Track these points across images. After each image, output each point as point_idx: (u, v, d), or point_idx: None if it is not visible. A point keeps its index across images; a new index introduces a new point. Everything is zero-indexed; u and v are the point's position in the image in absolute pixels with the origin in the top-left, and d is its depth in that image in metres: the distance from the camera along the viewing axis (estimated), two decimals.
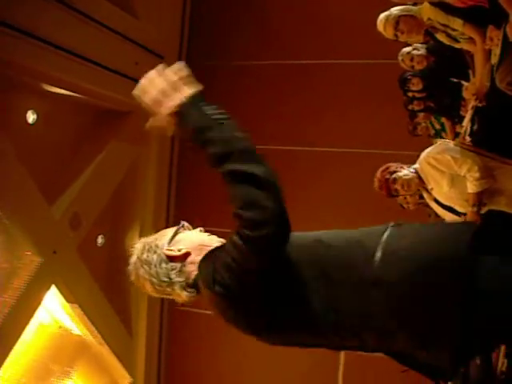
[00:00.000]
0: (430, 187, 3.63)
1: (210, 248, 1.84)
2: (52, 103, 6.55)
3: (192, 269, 1.83)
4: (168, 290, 1.88)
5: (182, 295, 1.87)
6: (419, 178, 3.62)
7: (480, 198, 3.37)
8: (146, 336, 7.89)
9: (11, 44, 5.33)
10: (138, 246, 1.93)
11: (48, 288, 6.40)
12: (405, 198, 3.89)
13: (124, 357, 7.54)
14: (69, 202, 6.60)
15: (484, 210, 3.43)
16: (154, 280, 1.87)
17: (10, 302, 5.94)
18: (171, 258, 1.85)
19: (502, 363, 3.94)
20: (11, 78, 5.78)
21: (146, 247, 1.90)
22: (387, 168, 3.70)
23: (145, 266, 1.87)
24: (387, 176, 3.66)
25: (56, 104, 6.61)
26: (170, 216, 8.18)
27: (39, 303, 6.37)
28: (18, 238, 6.02)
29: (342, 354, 7.37)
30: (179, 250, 1.86)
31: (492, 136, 3.54)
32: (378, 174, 3.68)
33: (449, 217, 3.78)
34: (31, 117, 6.34)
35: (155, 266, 1.86)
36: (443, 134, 5.21)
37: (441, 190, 3.57)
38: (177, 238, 1.90)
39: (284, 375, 7.54)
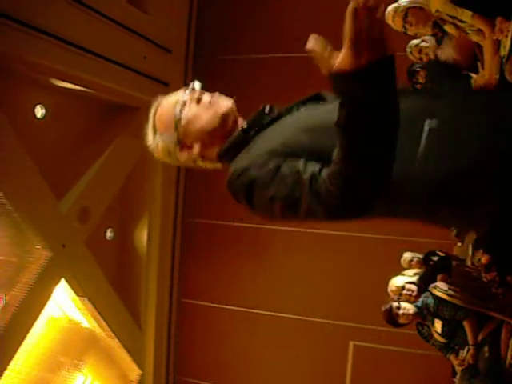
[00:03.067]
0: None
1: (228, 130, 1.74)
2: (60, 98, 6.57)
3: (209, 153, 1.77)
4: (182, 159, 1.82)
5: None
6: None
7: None
8: (155, 329, 7.92)
9: (20, 39, 5.34)
10: (149, 130, 1.87)
11: (57, 282, 6.44)
12: None
13: (133, 349, 7.59)
14: (77, 196, 6.63)
15: None
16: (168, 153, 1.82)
17: (20, 296, 5.98)
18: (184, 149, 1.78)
19: (510, 355, 3.93)
20: (20, 73, 5.80)
21: (160, 149, 1.83)
22: None
23: (167, 157, 1.82)
24: None
25: (64, 99, 6.63)
26: (178, 209, 8.19)
27: (49, 297, 6.41)
28: (27, 233, 6.06)
29: (351, 348, 7.38)
30: (190, 148, 1.77)
31: None
32: None
33: None
34: (40, 111, 6.36)
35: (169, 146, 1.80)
36: None
37: None
38: (182, 129, 1.75)
39: (292, 369, 7.56)
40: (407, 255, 5.39)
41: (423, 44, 4.46)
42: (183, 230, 8.24)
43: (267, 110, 1.81)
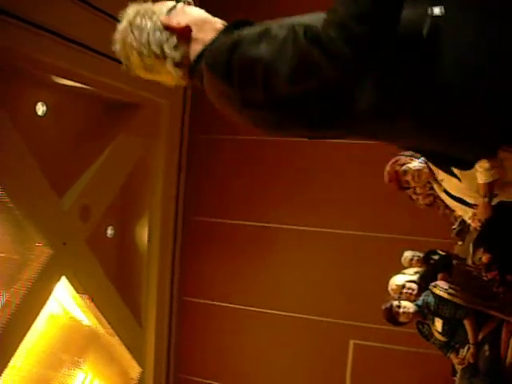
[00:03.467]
0: (440, 178, 3.62)
1: (218, 26, 1.58)
2: (61, 95, 6.56)
3: (192, 48, 1.59)
4: (157, 65, 1.66)
5: (173, 73, 1.67)
6: (429, 168, 3.60)
7: (491, 189, 3.35)
8: (156, 327, 7.92)
9: (21, 36, 5.34)
10: (130, 11, 1.69)
11: (58, 279, 6.44)
12: (414, 189, 3.88)
13: (134, 347, 7.59)
14: (78, 194, 6.63)
15: (495, 201, 3.41)
16: (143, 50, 1.64)
17: (21, 293, 5.98)
18: (169, 29, 1.60)
19: (511, 354, 3.94)
20: (20, 70, 5.79)
21: (141, 12, 1.65)
22: (397, 160, 3.69)
23: (135, 32, 1.64)
24: (397, 168, 3.65)
25: (65, 96, 6.62)
26: (179, 207, 8.19)
27: (50, 294, 6.41)
28: (28, 230, 6.06)
29: (351, 346, 7.38)
30: (178, 23, 1.59)
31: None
32: (388, 167, 3.67)
33: (459, 208, 3.77)
34: (41, 109, 6.36)
35: (148, 33, 1.62)
36: None
37: (451, 181, 3.56)
38: (178, 10, 1.61)
39: (292, 367, 7.56)
40: (408, 254, 5.40)
41: None
42: (184, 227, 8.24)
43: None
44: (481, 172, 3.31)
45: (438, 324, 4.39)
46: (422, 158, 3.65)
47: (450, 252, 5.15)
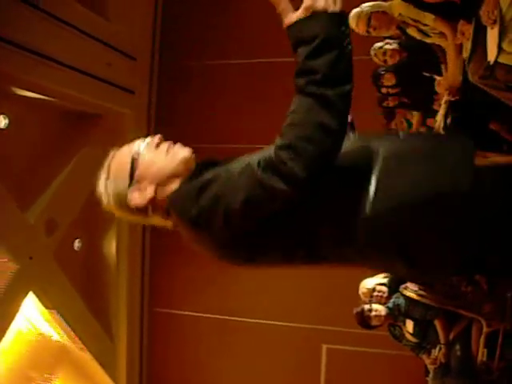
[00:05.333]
0: None
1: (186, 176, 1.62)
2: (23, 107, 6.46)
3: (161, 196, 1.64)
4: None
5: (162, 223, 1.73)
6: None
7: None
8: (127, 339, 7.84)
9: None
10: (101, 190, 1.80)
11: (25, 295, 6.33)
12: None
13: (105, 362, 7.49)
14: (43, 207, 6.53)
15: None
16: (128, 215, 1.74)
17: None
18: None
19: (482, 353, 3.99)
20: None
21: (111, 195, 1.75)
22: None
23: (117, 205, 1.75)
24: None
25: (28, 108, 6.52)
26: None
27: (17, 310, 6.29)
28: None
29: (324, 351, 7.41)
30: (144, 195, 1.64)
31: (465, 129, 3.58)
32: None
33: None
34: (2, 121, 6.26)
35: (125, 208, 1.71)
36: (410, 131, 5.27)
37: None
38: (137, 171, 1.65)
39: (267, 374, 7.55)
40: None
41: (387, 46, 4.50)
42: (152, 237, 8.17)
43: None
44: None
45: (410, 325, 4.42)
46: None
47: None
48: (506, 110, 3.07)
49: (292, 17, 1.45)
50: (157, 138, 1.70)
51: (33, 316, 6.94)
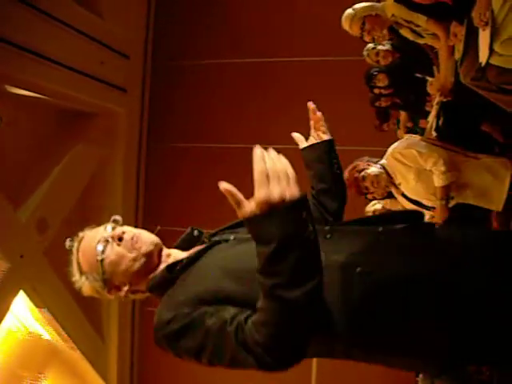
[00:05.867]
0: (397, 182, 3.67)
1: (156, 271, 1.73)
2: (16, 105, 6.43)
3: (141, 287, 1.77)
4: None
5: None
6: (387, 173, 3.64)
7: (447, 192, 3.42)
8: (118, 339, 7.81)
9: None
10: (76, 277, 1.84)
11: (16, 293, 6.29)
12: (373, 194, 3.92)
13: (96, 361, 7.46)
14: (35, 206, 6.50)
15: (452, 204, 3.47)
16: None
17: None
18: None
19: None
20: None
21: (89, 288, 1.82)
22: (355, 167, 3.71)
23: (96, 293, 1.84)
24: (356, 175, 3.68)
25: (20, 106, 6.49)
26: (138, 217, 8.11)
27: (7, 309, 6.25)
28: None
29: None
30: (119, 289, 1.78)
31: (457, 130, 3.59)
32: (346, 173, 3.68)
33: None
34: None
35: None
36: (398, 131, 5.29)
37: (408, 185, 3.61)
38: (107, 273, 1.73)
39: (257, 379, 7.53)
40: None
41: (380, 47, 4.52)
42: None
43: (196, 233, 1.85)
44: (437, 175, 3.38)
45: None
46: (380, 162, 3.70)
47: None
48: (497, 111, 3.09)
49: (246, 211, 1.32)
50: (118, 229, 1.77)
51: (23, 315, 6.91)
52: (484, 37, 2.66)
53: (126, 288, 1.75)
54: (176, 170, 7.93)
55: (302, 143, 2.02)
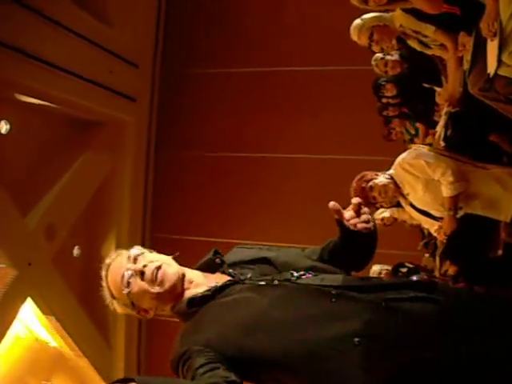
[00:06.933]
0: (405, 192, 3.65)
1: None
2: (25, 113, 6.48)
3: (167, 309, 1.85)
4: None
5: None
6: (395, 183, 3.63)
7: (456, 202, 3.40)
8: (125, 346, 7.80)
9: None
10: (108, 300, 1.93)
11: (23, 300, 6.31)
12: (381, 204, 3.91)
13: (102, 369, 7.45)
14: (43, 213, 6.52)
15: (460, 214, 3.46)
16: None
17: None
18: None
19: None
20: None
21: (119, 308, 1.90)
22: (363, 176, 3.70)
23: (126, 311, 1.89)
24: (363, 185, 3.66)
25: (29, 114, 6.54)
26: (146, 226, 8.12)
27: (15, 316, 6.27)
28: None
29: None
30: (147, 312, 1.85)
31: (465, 140, 3.58)
32: (354, 183, 3.67)
33: (425, 221, 3.81)
34: (4, 127, 6.27)
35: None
36: (416, 140, 5.27)
37: (416, 195, 3.60)
38: (134, 301, 1.81)
39: None
40: (376, 267, 5.42)
41: (388, 57, 4.52)
42: (151, 245, 8.15)
43: (218, 261, 1.92)
44: (445, 185, 3.36)
45: None
46: (388, 173, 3.69)
47: (417, 264, 5.19)
48: (505, 122, 3.08)
49: None
50: (140, 262, 1.82)
51: (31, 322, 6.92)
52: (492, 47, 2.65)
53: (152, 312, 1.84)
54: (184, 179, 7.93)
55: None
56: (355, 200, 1.68)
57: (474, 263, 3.54)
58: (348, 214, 1.69)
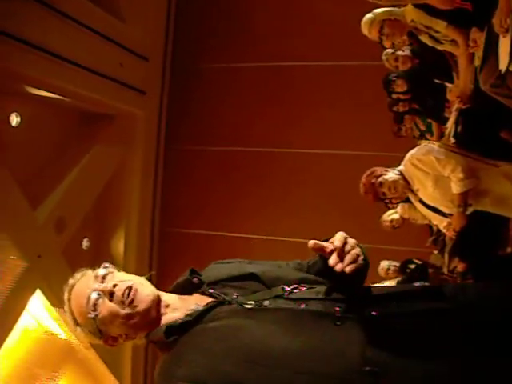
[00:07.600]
0: (415, 188, 3.64)
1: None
2: (36, 106, 6.51)
3: (141, 336, 1.64)
4: None
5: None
6: (404, 179, 3.62)
7: (465, 199, 3.39)
8: None
9: None
10: (72, 327, 1.71)
11: (33, 292, 6.35)
12: (390, 200, 3.90)
13: (111, 361, 7.49)
14: (53, 206, 6.56)
15: (470, 211, 3.45)
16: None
17: None
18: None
19: None
20: None
21: (84, 337, 1.70)
22: (372, 172, 3.69)
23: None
24: (373, 180, 3.65)
25: (40, 107, 6.56)
26: (155, 218, 8.15)
27: (24, 308, 6.31)
28: (2, 243, 5.96)
29: None
30: (116, 340, 1.65)
31: (476, 137, 3.56)
32: (364, 179, 3.66)
33: (434, 218, 3.80)
34: (15, 120, 6.30)
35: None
36: (428, 136, 5.25)
37: (426, 191, 3.59)
38: (102, 326, 1.60)
39: None
40: (384, 264, 5.42)
41: (399, 52, 4.50)
42: (160, 239, 8.19)
43: (195, 281, 1.68)
44: (455, 182, 3.35)
45: None
46: (397, 168, 3.68)
47: (426, 261, 5.19)
48: None
49: None
50: (108, 282, 1.63)
51: (40, 314, 6.96)
52: (504, 44, 2.64)
53: (122, 340, 1.64)
54: (193, 173, 7.95)
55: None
56: (335, 242, 1.47)
57: (483, 260, 3.53)
58: (331, 260, 1.43)
